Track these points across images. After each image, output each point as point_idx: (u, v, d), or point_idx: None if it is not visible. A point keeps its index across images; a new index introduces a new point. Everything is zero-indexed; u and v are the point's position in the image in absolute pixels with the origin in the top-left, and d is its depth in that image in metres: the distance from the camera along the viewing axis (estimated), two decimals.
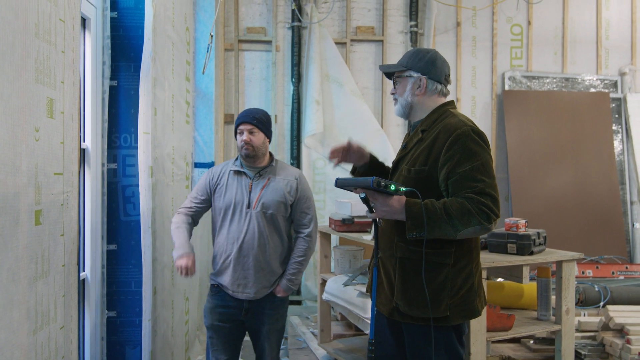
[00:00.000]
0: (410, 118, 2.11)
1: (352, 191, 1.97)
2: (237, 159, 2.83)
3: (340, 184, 1.94)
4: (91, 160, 3.03)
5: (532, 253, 2.83)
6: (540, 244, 2.90)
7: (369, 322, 3.03)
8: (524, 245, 2.80)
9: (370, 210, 1.89)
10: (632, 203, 5.69)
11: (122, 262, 3.15)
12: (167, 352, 3.33)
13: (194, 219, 2.84)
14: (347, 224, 3.64)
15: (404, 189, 1.84)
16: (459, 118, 1.96)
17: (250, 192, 2.70)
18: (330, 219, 3.83)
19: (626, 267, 5.12)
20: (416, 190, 1.84)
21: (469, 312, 1.94)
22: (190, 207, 2.83)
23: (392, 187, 1.80)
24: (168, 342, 3.35)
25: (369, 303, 3.08)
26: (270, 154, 2.84)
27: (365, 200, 1.86)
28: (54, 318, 2.08)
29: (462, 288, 1.92)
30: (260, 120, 2.75)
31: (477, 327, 2.60)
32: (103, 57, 3.12)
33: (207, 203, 2.82)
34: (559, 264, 2.89)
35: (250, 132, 2.71)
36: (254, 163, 2.76)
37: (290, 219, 2.80)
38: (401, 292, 1.94)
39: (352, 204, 3.64)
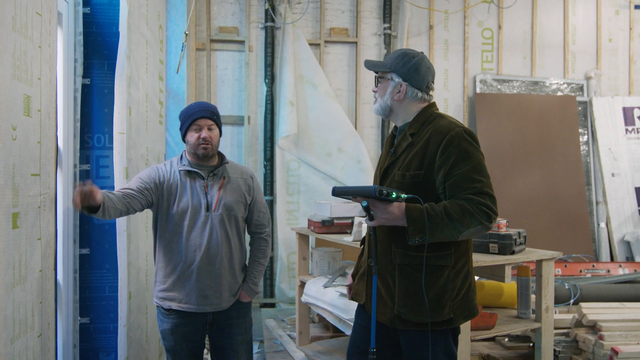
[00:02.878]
0: (390, 119, 2.10)
1: (350, 199, 1.93)
2: (181, 158, 2.50)
3: (338, 192, 1.88)
4: (63, 161, 2.91)
5: (513, 252, 2.86)
6: (520, 244, 2.94)
7: (352, 323, 3.02)
8: (506, 245, 2.83)
9: (371, 217, 1.86)
10: (597, 203, 5.86)
11: (95, 267, 3.04)
12: (142, 359, 3.24)
13: (128, 202, 2.29)
14: (327, 226, 3.61)
15: (405, 195, 1.82)
16: (448, 120, 1.96)
17: (206, 193, 2.42)
18: (309, 220, 3.79)
19: (593, 266, 5.26)
20: (418, 197, 1.82)
21: (469, 312, 1.95)
22: (128, 188, 2.33)
23: (394, 195, 1.78)
24: (143, 348, 3.26)
25: (350, 305, 3.06)
26: (218, 151, 2.55)
27: (366, 209, 1.83)
28: (32, 326, 1.98)
29: (462, 288, 1.92)
30: (217, 115, 2.48)
31: (462, 326, 2.60)
32: (75, 54, 3.01)
33: (147, 197, 2.38)
34: (539, 262, 2.94)
35: (210, 129, 2.42)
36: (208, 162, 2.47)
37: (245, 220, 2.59)
38: (403, 300, 1.91)
39: (332, 205, 3.61)
